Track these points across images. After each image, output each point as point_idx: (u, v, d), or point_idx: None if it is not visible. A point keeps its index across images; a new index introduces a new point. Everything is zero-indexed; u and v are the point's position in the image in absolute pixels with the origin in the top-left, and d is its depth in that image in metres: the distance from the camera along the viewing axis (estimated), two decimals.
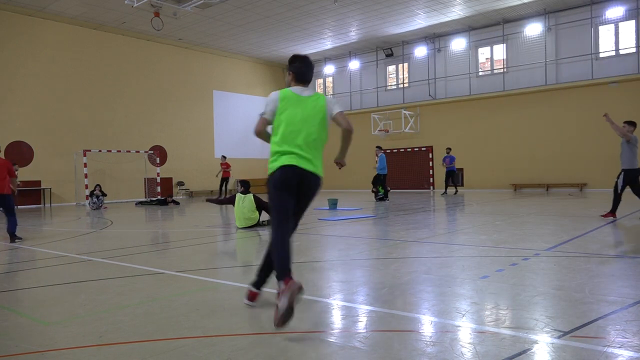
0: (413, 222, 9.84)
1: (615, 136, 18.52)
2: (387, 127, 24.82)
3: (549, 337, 2.97)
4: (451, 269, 5.07)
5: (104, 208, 16.77)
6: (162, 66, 23.22)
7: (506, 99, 21.80)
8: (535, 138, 21.00)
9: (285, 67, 29.11)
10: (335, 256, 6.17)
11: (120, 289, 4.61)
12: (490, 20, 21.41)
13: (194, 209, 16.12)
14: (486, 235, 7.48)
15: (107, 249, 7.32)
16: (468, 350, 2.79)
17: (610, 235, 7.27)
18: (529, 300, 3.81)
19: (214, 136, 25.49)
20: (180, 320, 3.52)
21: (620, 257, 5.49)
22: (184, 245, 7.60)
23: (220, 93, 25.83)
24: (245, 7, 18.79)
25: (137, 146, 21.95)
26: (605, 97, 19.40)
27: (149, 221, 12.33)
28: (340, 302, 3.96)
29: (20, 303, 4.29)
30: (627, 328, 3.09)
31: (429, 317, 3.50)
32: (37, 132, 19.19)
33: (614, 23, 19.36)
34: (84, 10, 18.69)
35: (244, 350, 2.89)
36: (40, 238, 9.05)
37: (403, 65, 25.24)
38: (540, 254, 5.76)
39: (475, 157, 22.66)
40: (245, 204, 9.26)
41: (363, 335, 3.16)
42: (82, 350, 3.00)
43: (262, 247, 7.52)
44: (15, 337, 3.30)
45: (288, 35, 22.79)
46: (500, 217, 10.33)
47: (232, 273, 5.56)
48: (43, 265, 6.23)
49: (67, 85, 20.07)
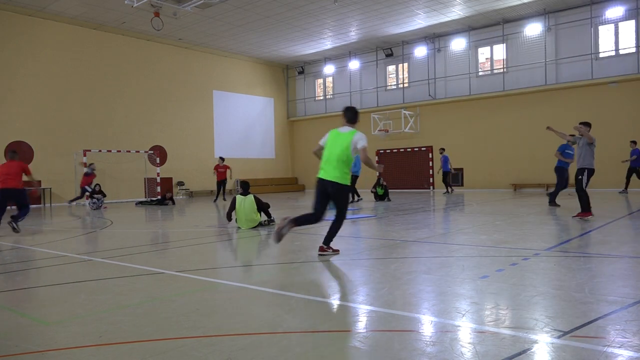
0: (413, 222, 9.84)
1: (615, 136, 18.67)
2: (387, 127, 24.82)
3: (548, 337, 2.97)
4: (451, 269, 5.07)
5: (104, 208, 16.77)
6: (162, 66, 23.22)
7: (506, 99, 21.80)
8: (535, 138, 20.99)
9: (284, 68, 29.30)
10: (335, 256, 6.17)
11: (120, 289, 4.61)
12: (490, 20, 21.41)
13: (193, 209, 16.13)
14: (486, 235, 7.48)
15: (107, 249, 7.32)
16: (468, 350, 2.79)
17: (610, 235, 7.27)
18: (528, 300, 3.81)
19: (214, 136, 25.49)
20: (180, 320, 3.52)
21: (620, 257, 5.49)
22: (183, 245, 7.60)
23: (220, 93, 25.83)
24: (245, 7, 18.79)
25: (137, 146, 21.95)
26: (605, 97, 19.41)
27: (148, 221, 12.33)
28: (340, 302, 3.96)
29: (20, 303, 4.29)
30: (627, 328, 3.09)
31: (428, 317, 3.50)
32: (37, 132, 19.19)
33: (613, 23, 19.36)
34: (83, 10, 18.69)
35: (244, 350, 2.89)
36: (40, 238, 9.05)
37: (403, 65, 25.24)
38: (540, 254, 5.76)
39: (475, 157, 22.66)
40: (245, 206, 9.23)
41: (363, 335, 3.16)
42: (81, 350, 3.00)
43: (263, 246, 7.52)
44: (15, 337, 3.30)
45: (288, 35, 22.80)
46: (500, 217, 10.33)
47: (232, 273, 5.56)
48: (43, 265, 6.23)
49: (67, 85, 20.07)
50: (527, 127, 21.22)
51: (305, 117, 28.85)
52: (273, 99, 28.73)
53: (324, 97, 28.35)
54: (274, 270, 5.62)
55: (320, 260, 5.78)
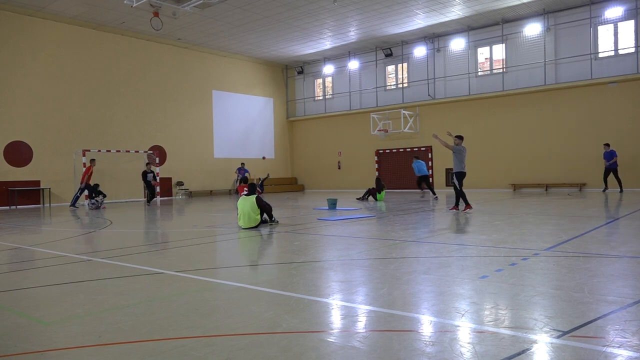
0: (412, 222, 9.84)
1: (614, 137, 18.69)
2: (387, 127, 24.81)
3: (548, 337, 2.97)
4: (450, 269, 5.07)
5: (103, 208, 16.76)
6: (162, 66, 23.21)
7: (505, 99, 21.80)
8: (534, 138, 21.01)
9: (283, 68, 29.20)
10: (335, 256, 6.17)
11: (119, 289, 4.61)
12: (489, 20, 21.42)
13: (193, 209, 16.12)
14: (485, 235, 7.48)
15: (107, 249, 7.32)
16: (467, 350, 2.79)
17: (609, 235, 7.28)
18: (528, 300, 3.82)
19: (214, 136, 25.48)
20: (179, 320, 3.52)
21: (620, 257, 5.49)
22: (183, 245, 7.60)
23: (220, 93, 25.82)
24: (244, 7, 18.78)
25: (136, 146, 21.93)
26: (604, 97, 19.42)
27: (148, 221, 12.33)
28: (339, 302, 3.96)
29: (20, 303, 4.28)
30: (626, 328, 3.09)
31: (428, 317, 3.50)
32: (36, 132, 19.17)
33: (613, 23, 19.37)
34: (83, 10, 18.68)
35: (244, 350, 2.89)
36: (40, 238, 9.04)
37: (402, 65, 25.24)
38: (540, 254, 5.76)
39: (475, 157, 22.58)
40: (247, 205, 9.29)
41: (362, 335, 3.16)
42: (81, 350, 3.00)
43: (263, 246, 7.53)
44: (14, 337, 3.30)
45: (287, 35, 22.79)
46: (500, 217, 10.33)
47: (232, 273, 5.56)
48: (42, 265, 6.22)
49: (67, 85, 20.05)
50: (526, 127, 21.23)
51: (305, 117, 28.83)
52: (272, 99, 28.72)
53: (324, 97, 28.34)
54: (273, 270, 5.62)
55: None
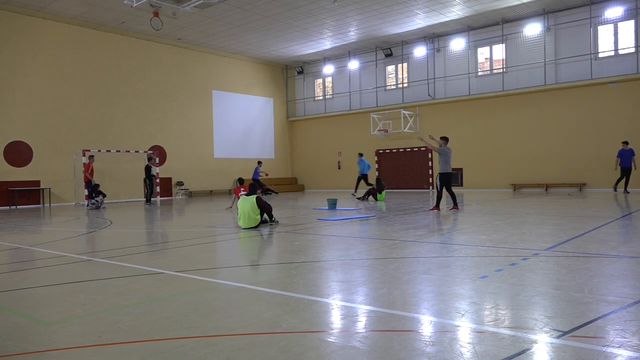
0: (412, 222, 9.84)
1: (613, 136, 18.69)
2: (387, 127, 24.81)
3: (548, 337, 2.97)
4: (450, 269, 5.07)
5: (103, 208, 16.76)
6: (162, 66, 23.21)
7: (505, 99, 21.80)
8: (534, 138, 21.01)
9: (283, 68, 29.24)
10: (335, 256, 6.17)
11: (119, 289, 4.61)
12: (489, 20, 21.42)
13: (193, 209, 16.12)
14: (485, 235, 7.48)
15: (107, 249, 7.32)
16: (467, 350, 2.79)
17: (609, 235, 7.28)
18: (528, 300, 3.82)
19: (214, 136, 25.48)
20: (179, 320, 3.52)
21: (620, 257, 5.49)
22: (183, 245, 7.60)
23: (220, 93, 25.82)
24: (244, 7, 18.78)
25: (136, 146, 21.93)
26: (604, 97, 19.42)
27: (148, 221, 12.33)
28: (339, 302, 3.96)
29: (20, 303, 4.28)
30: (626, 328, 3.09)
31: (428, 317, 3.50)
32: (36, 132, 19.17)
33: (613, 23, 19.37)
34: (83, 10, 18.67)
35: (244, 350, 2.89)
36: (40, 238, 9.04)
37: (402, 65, 25.23)
38: (540, 254, 5.76)
39: (475, 157, 22.66)
40: (246, 205, 9.29)
41: (362, 335, 3.16)
42: (81, 350, 3.00)
43: (263, 246, 7.52)
44: (14, 337, 3.30)
45: (287, 35, 22.79)
46: (500, 217, 10.33)
47: (232, 273, 5.56)
48: (42, 265, 6.22)
49: (67, 85, 20.05)
50: (526, 127, 21.23)
51: (305, 117, 28.82)
52: (272, 99, 28.72)
53: (324, 97, 28.34)
54: (273, 270, 5.62)
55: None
